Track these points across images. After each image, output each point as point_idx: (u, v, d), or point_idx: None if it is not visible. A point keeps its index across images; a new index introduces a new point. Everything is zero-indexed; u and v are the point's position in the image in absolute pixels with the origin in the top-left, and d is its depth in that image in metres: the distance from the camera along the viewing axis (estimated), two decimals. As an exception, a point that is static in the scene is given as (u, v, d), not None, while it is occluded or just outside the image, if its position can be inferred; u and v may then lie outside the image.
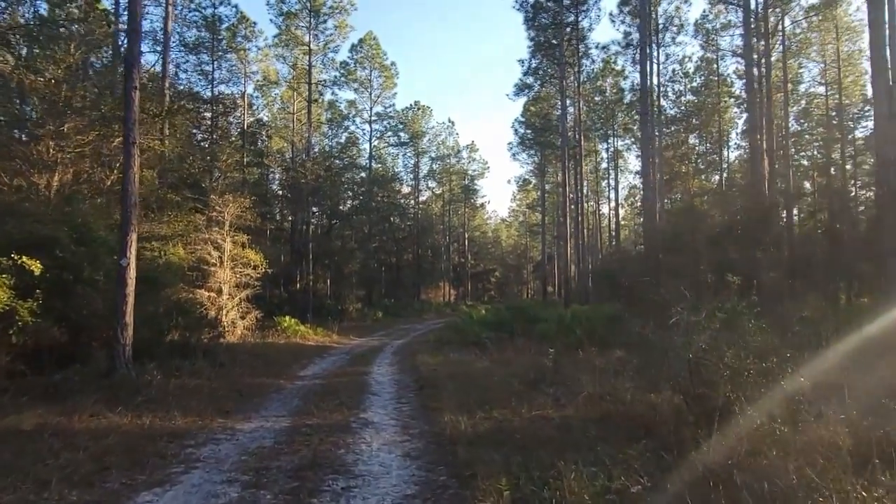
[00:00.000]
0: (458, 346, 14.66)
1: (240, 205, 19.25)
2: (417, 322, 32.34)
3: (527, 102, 38.66)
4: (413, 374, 10.61)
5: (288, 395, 8.73)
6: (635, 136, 43.61)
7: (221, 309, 18.27)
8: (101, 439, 5.40)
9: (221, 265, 18.46)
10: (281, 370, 11.33)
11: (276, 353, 13.74)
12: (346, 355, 14.74)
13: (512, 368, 10.07)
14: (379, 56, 42.21)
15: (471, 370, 10.11)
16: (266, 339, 17.36)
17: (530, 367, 10.03)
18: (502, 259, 72.51)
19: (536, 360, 10.86)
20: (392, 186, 42.66)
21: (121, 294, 8.25)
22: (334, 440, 5.69)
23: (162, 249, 12.93)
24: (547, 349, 12.97)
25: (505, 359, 11.69)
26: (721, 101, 35.15)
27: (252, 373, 10.59)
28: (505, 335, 15.22)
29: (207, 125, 27.15)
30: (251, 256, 19.09)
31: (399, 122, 47.00)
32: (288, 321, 19.54)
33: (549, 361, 9.04)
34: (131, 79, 8.35)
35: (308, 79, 30.31)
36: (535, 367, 10.02)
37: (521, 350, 13.12)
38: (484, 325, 17.33)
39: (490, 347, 13.42)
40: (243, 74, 30.98)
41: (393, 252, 44.27)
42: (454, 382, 8.80)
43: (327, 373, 11.29)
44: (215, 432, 6.11)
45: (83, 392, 7.41)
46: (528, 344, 14.11)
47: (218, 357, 11.32)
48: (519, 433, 5.35)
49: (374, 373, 11.19)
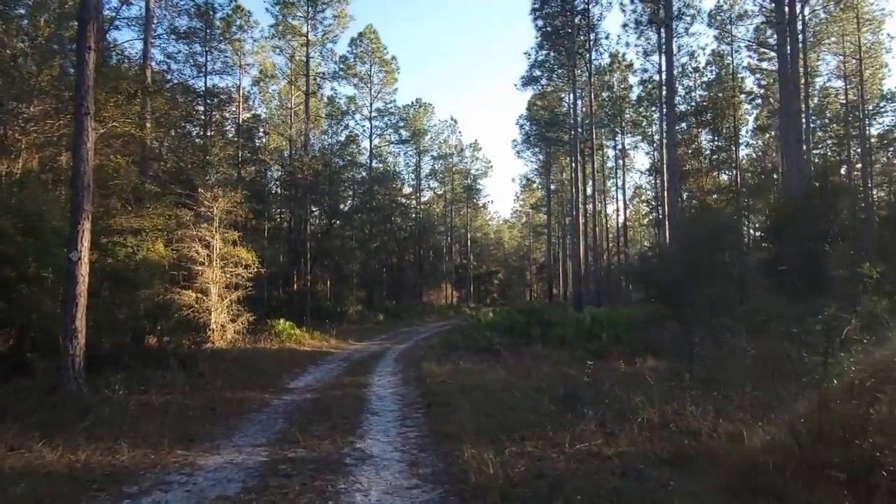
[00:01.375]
0: (468, 353, 13.28)
1: (231, 199, 17.91)
2: (420, 325, 30.97)
3: (533, 97, 37.30)
4: (419, 386, 9.23)
5: (271, 414, 7.35)
6: (644, 133, 42.32)
7: (210, 311, 16.96)
8: (5, 489, 4.02)
9: (210, 264, 17.13)
10: (268, 381, 9.95)
11: (265, 361, 12.36)
12: (344, 362, 13.37)
13: (534, 381, 8.69)
14: (379, 50, 40.91)
15: (486, 382, 8.73)
16: (258, 343, 16.00)
17: (556, 378, 8.65)
18: (505, 261, 71.22)
19: (561, 371, 9.48)
20: (393, 185, 41.29)
21: (70, 294, 6.87)
22: (320, 486, 4.31)
23: (137, 245, 11.56)
24: (567, 356, 11.61)
25: (523, 368, 10.31)
26: (735, 97, 33.85)
27: (235, 384, 9.21)
28: (518, 340, 13.86)
29: (201, 119, 25.88)
30: (242, 255, 17.74)
31: (400, 119, 45.65)
32: (282, 324, 18.17)
33: (584, 374, 7.63)
34: (84, 37, 6.99)
35: (306, 71, 29.01)
36: (561, 378, 8.64)
37: (538, 358, 11.75)
38: (494, 328, 15.97)
39: (504, 354, 12.05)
40: (239, 67, 29.66)
41: (394, 252, 42.92)
42: (469, 398, 7.42)
43: (321, 384, 9.91)
44: (168, 472, 4.73)
45: (19, 414, 6.05)
46: (546, 350, 12.75)
47: (197, 366, 9.96)
48: (568, 481, 3.96)
49: (375, 384, 9.80)
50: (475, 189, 57.53)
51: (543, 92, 34.69)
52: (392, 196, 40.70)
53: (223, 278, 17.33)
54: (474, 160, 56.58)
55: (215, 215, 17.45)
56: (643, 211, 57.41)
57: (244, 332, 17.04)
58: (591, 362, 9.72)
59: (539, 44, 28.09)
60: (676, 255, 9.31)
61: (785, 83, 16.76)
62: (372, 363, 12.95)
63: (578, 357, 10.95)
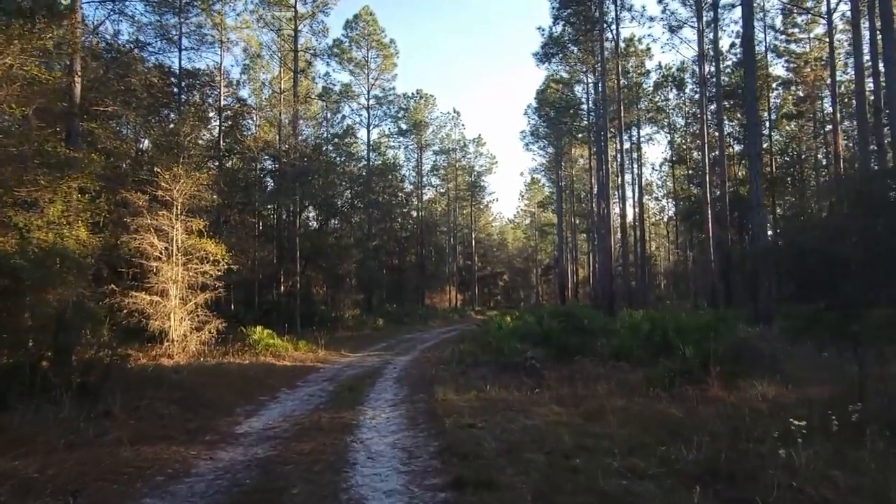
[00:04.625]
0: (492, 370, 10.10)
1: (196, 182, 14.77)
2: (423, 330, 27.79)
3: (546, 79, 34.13)
4: (434, 432, 6.02)
5: (176, 501, 4.17)
6: (660, 125, 39.16)
7: (169, 318, 13.83)
8: None
9: (169, 259, 14.00)
10: (211, 420, 6.77)
11: (222, 384, 9.16)
12: (330, 383, 10.17)
13: (613, 425, 5.50)
14: (376, 33, 37.87)
15: (539, 429, 5.56)
16: (227, 358, 12.84)
17: (653, 422, 5.47)
18: (509, 262, 68.34)
19: (650, 406, 6.29)
20: (393, 178, 38.13)
21: None
22: None
23: (31, 224, 8.38)
24: (637, 377, 8.41)
25: (580, 398, 7.12)
26: (769, 76, 30.79)
27: (152, 429, 6.03)
28: (557, 353, 10.66)
29: (173, 96, 22.76)
30: (210, 248, 14.59)
31: (400, 109, 42.52)
32: (259, 334, 14.96)
33: (689, 412, 4.45)
34: None
35: (294, 46, 25.88)
36: (660, 422, 5.46)
37: (592, 378, 8.56)
38: (517, 336, 12.76)
39: (544, 374, 8.88)
40: (220, 43, 26.47)
41: (395, 253, 39.79)
42: (522, 469, 4.26)
43: (287, 424, 6.71)
44: None
45: None
46: (597, 367, 9.55)
47: (103, 398, 6.77)
48: None
49: (366, 425, 6.60)
50: (479, 186, 54.51)
51: (558, 78, 31.60)
52: (393, 190, 37.60)
53: (186, 277, 14.22)
54: (478, 156, 53.61)
55: (176, 199, 14.32)
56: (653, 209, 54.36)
57: (212, 344, 13.94)
58: (683, 389, 6.59)
59: (556, 15, 24.90)
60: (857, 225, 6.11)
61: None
62: (366, 386, 9.72)
63: (654, 379, 7.76)
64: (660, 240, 63.40)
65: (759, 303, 10.51)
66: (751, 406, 6.43)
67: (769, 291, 10.74)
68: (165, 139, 19.91)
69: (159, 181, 14.19)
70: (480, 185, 54.54)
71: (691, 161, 35.10)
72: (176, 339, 13.52)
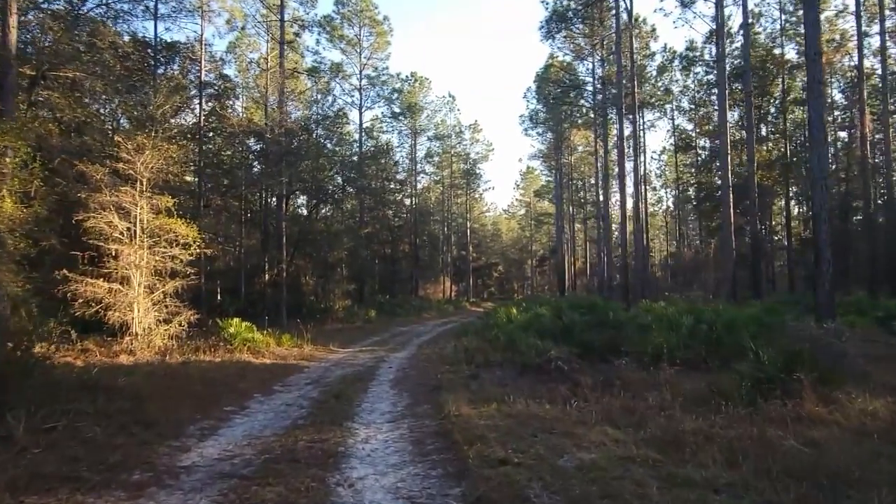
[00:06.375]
0: (509, 373, 8.45)
1: (163, 154, 12.97)
2: (418, 322, 26.19)
3: (549, 57, 32.36)
4: (453, 470, 4.32)
5: None
6: (662, 110, 37.70)
7: (132, 308, 12.12)
8: None
9: (131, 241, 12.25)
10: (147, 445, 5.05)
11: (181, 390, 7.45)
12: (314, 387, 8.48)
13: (711, 466, 3.87)
14: (369, 9, 35.94)
15: (597, 466, 3.92)
16: (197, 355, 11.12)
17: (769, 455, 3.84)
18: (503, 253, 66.96)
19: (748, 431, 4.66)
20: (387, 163, 36.25)
21: None
22: None
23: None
24: (700, 385, 6.79)
25: (627, 412, 5.51)
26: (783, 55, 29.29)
27: (57, 464, 4.32)
28: (583, 352, 9.03)
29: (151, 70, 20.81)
30: (181, 230, 12.85)
31: (393, 91, 40.54)
32: (236, 327, 13.20)
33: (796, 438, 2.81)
34: None
35: (280, 16, 23.90)
36: (784, 457, 3.83)
37: (639, 385, 6.93)
38: (531, 331, 11.09)
39: (578, 379, 7.24)
40: (200, 11, 24.40)
41: (388, 242, 38.00)
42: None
43: (251, 453, 5.01)
44: None
45: None
46: (636, 371, 7.93)
47: (4, 416, 5.04)
48: None
49: (356, 455, 4.92)
50: (475, 174, 52.72)
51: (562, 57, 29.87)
52: (386, 175, 35.76)
53: (153, 262, 12.48)
54: (474, 142, 51.77)
55: (140, 174, 12.52)
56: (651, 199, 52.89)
57: (182, 338, 12.25)
58: (770, 403, 5.04)
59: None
60: None
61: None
62: (357, 392, 8.02)
63: (724, 390, 6.13)
64: (654, 231, 62.35)
65: (821, 293, 8.98)
66: (866, 429, 4.85)
67: (833, 280, 9.21)
68: (137, 111, 18.09)
69: (119, 151, 12.41)
70: (476, 174, 52.77)
71: (698, 147, 33.57)
72: (140, 332, 11.82)
